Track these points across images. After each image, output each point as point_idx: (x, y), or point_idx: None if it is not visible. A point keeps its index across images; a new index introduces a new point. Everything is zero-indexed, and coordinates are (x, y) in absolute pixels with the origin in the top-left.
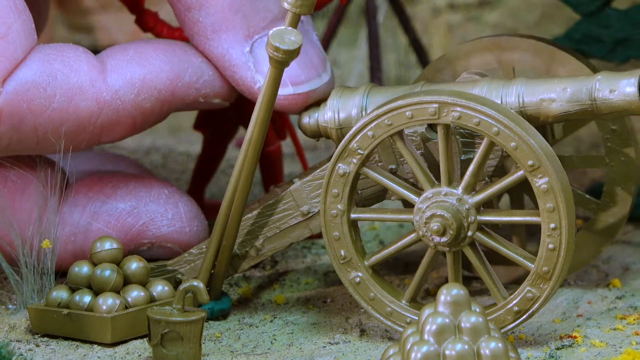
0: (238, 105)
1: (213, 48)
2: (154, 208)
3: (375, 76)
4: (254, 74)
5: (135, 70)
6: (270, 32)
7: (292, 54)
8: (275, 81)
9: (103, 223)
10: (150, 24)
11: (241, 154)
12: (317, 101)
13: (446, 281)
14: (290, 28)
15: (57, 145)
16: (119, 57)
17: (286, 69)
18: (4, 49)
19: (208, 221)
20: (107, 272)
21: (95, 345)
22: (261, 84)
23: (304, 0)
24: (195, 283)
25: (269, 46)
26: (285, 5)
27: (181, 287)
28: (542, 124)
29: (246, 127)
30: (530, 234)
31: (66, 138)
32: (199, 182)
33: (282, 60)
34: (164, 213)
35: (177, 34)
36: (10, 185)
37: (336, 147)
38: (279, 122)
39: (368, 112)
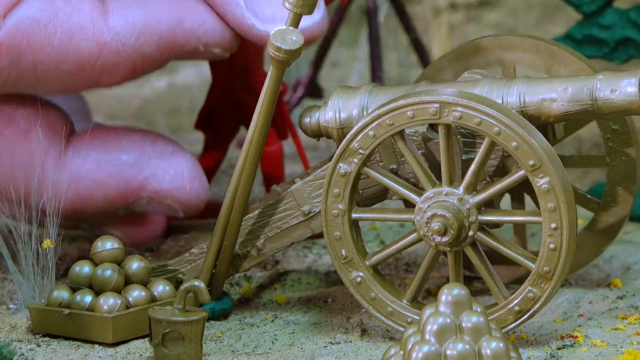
0: (239, 104)
1: None
2: (157, 163)
3: (376, 76)
4: (244, 11)
5: (137, 14)
6: (272, 32)
7: (294, 54)
8: (277, 81)
9: (104, 172)
10: None
11: (242, 153)
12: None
13: (447, 281)
14: (291, 28)
15: (56, 84)
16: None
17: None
18: None
19: (209, 220)
20: (108, 272)
21: (97, 345)
22: (251, 21)
23: (306, 0)
24: (196, 283)
25: (271, 46)
26: (287, 5)
27: (182, 287)
28: (543, 123)
29: (247, 126)
30: (530, 234)
31: (65, 78)
32: None
33: (283, 60)
34: (166, 169)
35: None
36: (13, 127)
37: (337, 147)
38: (280, 121)
39: (369, 111)
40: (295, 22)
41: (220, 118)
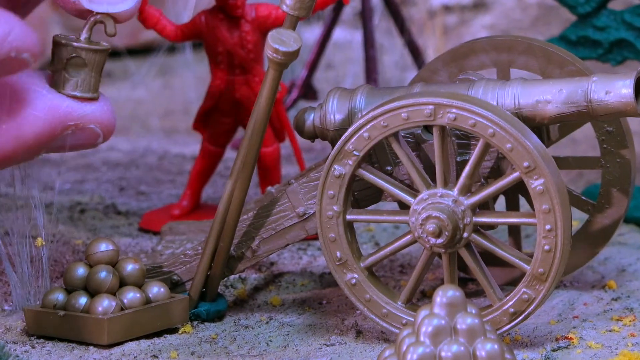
0: (237, 106)
1: None
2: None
3: (371, 78)
4: None
5: None
6: (269, 34)
7: (292, 56)
8: (274, 83)
9: (33, 109)
10: (152, 21)
11: (239, 155)
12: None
13: (442, 282)
14: (289, 30)
15: None
16: None
17: None
18: None
19: (205, 221)
20: (102, 274)
21: (91, 347)
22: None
23: (303, 2)
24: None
25: (269, 48)
26: (284, 7)
27: (91, 19)
28: (538, 125)
29: (245, 127)
30: (525, 236)
31: None
32: (196, 184)
33: (281, 62)
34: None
35: (179, 31)
36: None
37: (332, 149)
38: (278, 123)
39: (364, 113)
40: (293, 25)
41: (217, 119)
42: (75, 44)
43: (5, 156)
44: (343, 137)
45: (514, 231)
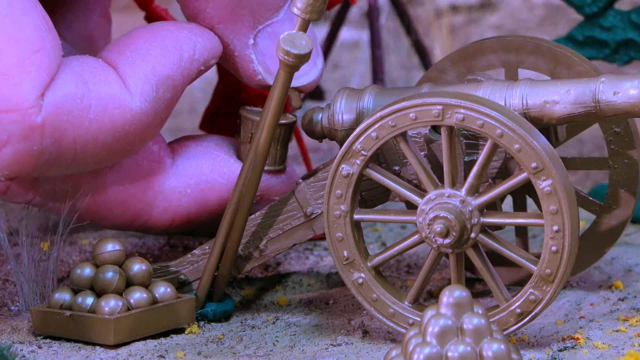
0: (244, 105)
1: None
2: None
3: (378, 78)
4: (256, 66)
5: (146, 67)
6: (281, 36)
7: (303, 58)
8: (285, 85)
9: (217, 174)
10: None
11: (248, 156)
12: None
13: (449, 283)
14: (301, 32)
15: (94, 157)
16: (125, 61)
17: None
18: (41, 61)
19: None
20: (109, 274)
21: (98, 347)
22: (262, 75)
23: (314, 6)
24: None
25: (280, 50)
26: (295, 11)
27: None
28: (546, 126)
29: None
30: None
31: (102, 150)
32: None
33: (292, 65)
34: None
35: None
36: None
37: (340, 149)
38: None
39: (372, 113)
40: (304, 27)
41: (224, 118)
42: None
43: (189, 219)
44: (351, 137)
45: (521, 232)
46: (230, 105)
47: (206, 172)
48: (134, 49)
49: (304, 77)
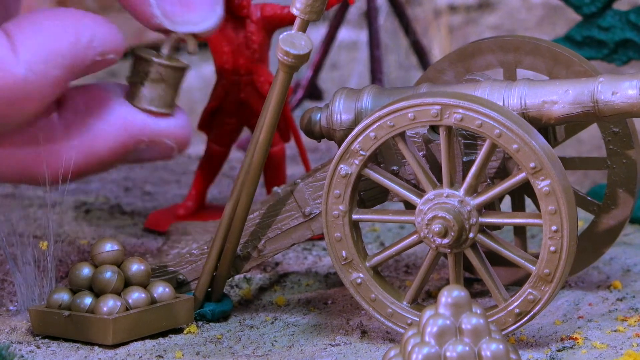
0: (242, 106)
1: None
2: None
3: (376, 78)
4: (154, 9)
5: (41, 40)
6: (280, 36)
7: (303, 59)
8: (285, 85)
9: (107, 123)
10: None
11: (247, 156)
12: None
13: (447, 283)
14: (300, 33)
15: None
16: (20, 30)
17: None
18: None
19: (210, 222)
20: (107, 274)
21: (96, 347)
22: (160, 19)
23: (313, 6)
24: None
25: (279, 50)
26: (294, 11)
27: (174, 36)
28: (544, 126)
29: (250, 127)
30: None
31: None
32: (201, 184)
33: (292, 65)
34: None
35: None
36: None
37: (338, 149)
38: (284, 123)
39: (370, 113)
40: (303, 28)
41: (223, 119)
42: (155, 59)
43: (79, 170)
44: (349, 137)
45: (520, 232)
46: (229, 105)
47: (95, 122)
48: (32, 22)
49: (202, 24)
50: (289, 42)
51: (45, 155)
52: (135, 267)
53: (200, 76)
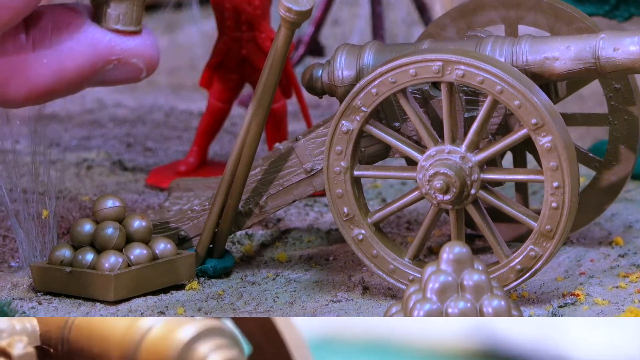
0: (243, 62)
1: None
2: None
3: (378, 34)
4: None
5: None
6: None
7: (305, 15)
8: (286, 41)
9: (74, 41)
10: None
11: (249, 112)
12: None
13: (449, 239)
14: None
15: None
16: None
17: None
18: None
19: (211, 178)
20: (109, 230)
21: (98, 303)
22: None
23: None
24: None
25: (282, 7)
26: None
27: None
28: (546, 82)
29: (252, 84)
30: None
31: None
32: (203, 140)
33: (294, 21)
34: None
35: None
36: None
37: (340, 105)
38: (285, 80)
39: (372, 69)
40: None
41: (224, 75)
42: None
43: (47, 90)
44: (351, 93)
45: (521, 188)
46: (231, 61)
47: (62, 40)
48: None
49: None
50: None
51: (13, 75)
52: (137, 223)
53: (202, 32)
